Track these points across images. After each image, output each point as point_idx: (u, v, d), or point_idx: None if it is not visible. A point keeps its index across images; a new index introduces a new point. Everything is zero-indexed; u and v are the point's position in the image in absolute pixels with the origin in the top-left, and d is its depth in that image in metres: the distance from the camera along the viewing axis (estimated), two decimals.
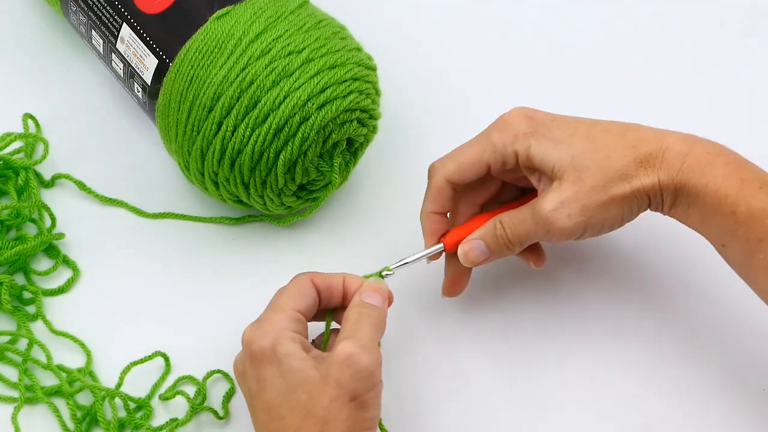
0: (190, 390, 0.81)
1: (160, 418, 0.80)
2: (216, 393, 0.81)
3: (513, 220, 0.76)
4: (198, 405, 0.80)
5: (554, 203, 0.74)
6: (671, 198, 0.74)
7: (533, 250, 0.80)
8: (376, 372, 0.70)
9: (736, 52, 0.98)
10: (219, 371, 0.81)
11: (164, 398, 0.80)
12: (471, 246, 0.77)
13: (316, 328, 0.76)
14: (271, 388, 0.69)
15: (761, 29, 0.99)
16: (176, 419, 0.79)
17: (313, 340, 0.76)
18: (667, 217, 0.76)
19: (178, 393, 0.80)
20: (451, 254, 0.79)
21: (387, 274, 0.77)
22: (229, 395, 0.81)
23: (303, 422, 0.68)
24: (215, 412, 0.80)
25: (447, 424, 0.80)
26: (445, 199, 0.78)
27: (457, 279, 0.81)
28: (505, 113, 0.77)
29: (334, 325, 0.76)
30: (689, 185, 0.73)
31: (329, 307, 0.75)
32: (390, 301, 0.75)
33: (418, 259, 0.78)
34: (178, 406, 0.81)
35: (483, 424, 0.80)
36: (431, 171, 0.79)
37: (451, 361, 0.82)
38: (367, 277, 0.76)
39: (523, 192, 0.80)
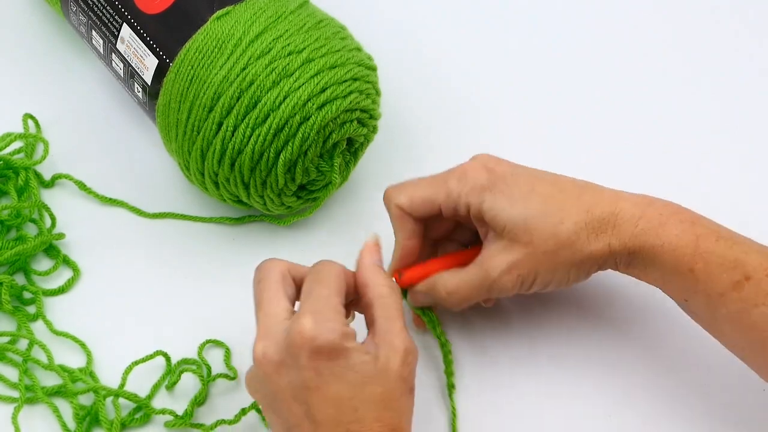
0: (191, 376, 0.81)
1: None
2: (214, 364, 0.82)
3: (459, 284, 0.76)
4: (208, 377, 0.81)
5: (505, 265, 0.75)
6: (625, 260, 0.75)
7: None
8: None
9: (734, 52, 0.98)
10: (210, 340, 0.82)
11: (171, 384, 0.80)
12: (417, 298, 0.79)
13: None
14: (341, 381, 0.69)
15: (759, 30, 0.99)
16: (195, 398, 0.79)
17: None
18: None
19: (184, 371, 0.80)
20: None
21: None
22: (227, 357, 0.82)
23: (381, 414, 0.69)
24: (226, 375, 0.81)
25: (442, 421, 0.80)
26: (411, 224, 0.78)
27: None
28: (466, 162, 0.77)
29: None
30: (645, 248, 0.74)
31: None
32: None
33: None
34: (181, 403, 0.80)
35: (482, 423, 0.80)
36: (386, 199, 0.79)
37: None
38: None
39: (477, 236, 0.79)
